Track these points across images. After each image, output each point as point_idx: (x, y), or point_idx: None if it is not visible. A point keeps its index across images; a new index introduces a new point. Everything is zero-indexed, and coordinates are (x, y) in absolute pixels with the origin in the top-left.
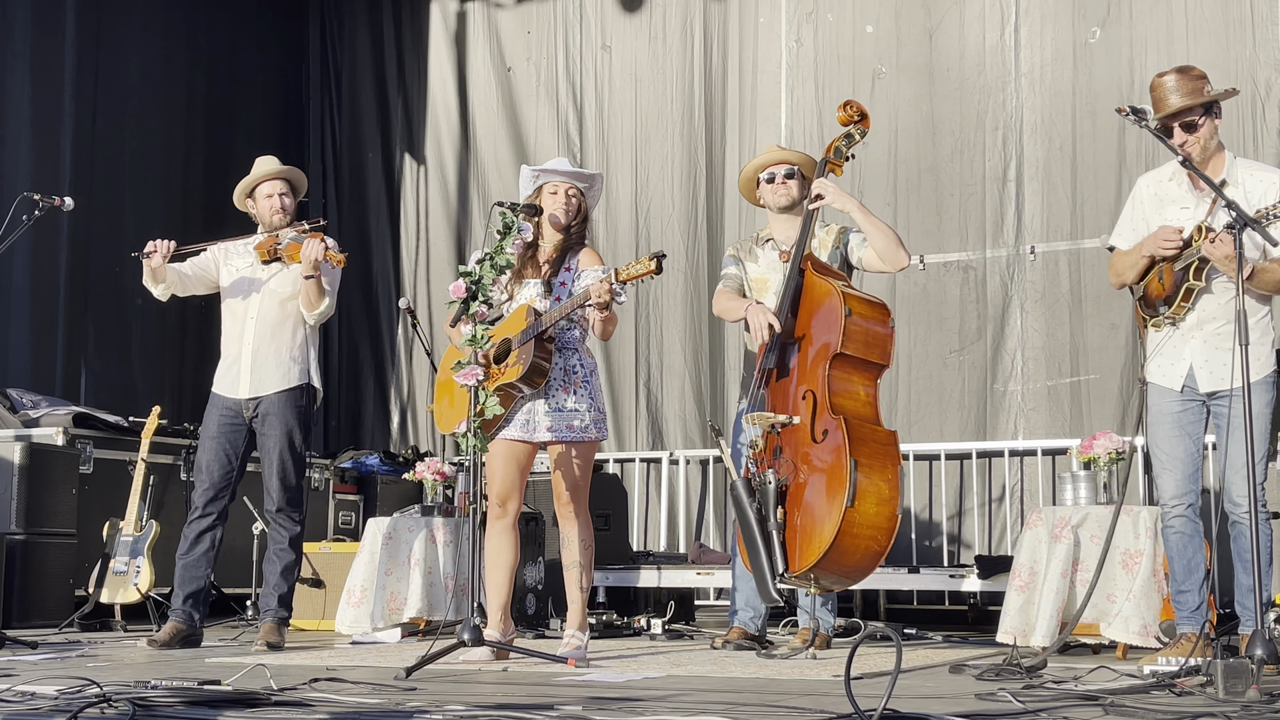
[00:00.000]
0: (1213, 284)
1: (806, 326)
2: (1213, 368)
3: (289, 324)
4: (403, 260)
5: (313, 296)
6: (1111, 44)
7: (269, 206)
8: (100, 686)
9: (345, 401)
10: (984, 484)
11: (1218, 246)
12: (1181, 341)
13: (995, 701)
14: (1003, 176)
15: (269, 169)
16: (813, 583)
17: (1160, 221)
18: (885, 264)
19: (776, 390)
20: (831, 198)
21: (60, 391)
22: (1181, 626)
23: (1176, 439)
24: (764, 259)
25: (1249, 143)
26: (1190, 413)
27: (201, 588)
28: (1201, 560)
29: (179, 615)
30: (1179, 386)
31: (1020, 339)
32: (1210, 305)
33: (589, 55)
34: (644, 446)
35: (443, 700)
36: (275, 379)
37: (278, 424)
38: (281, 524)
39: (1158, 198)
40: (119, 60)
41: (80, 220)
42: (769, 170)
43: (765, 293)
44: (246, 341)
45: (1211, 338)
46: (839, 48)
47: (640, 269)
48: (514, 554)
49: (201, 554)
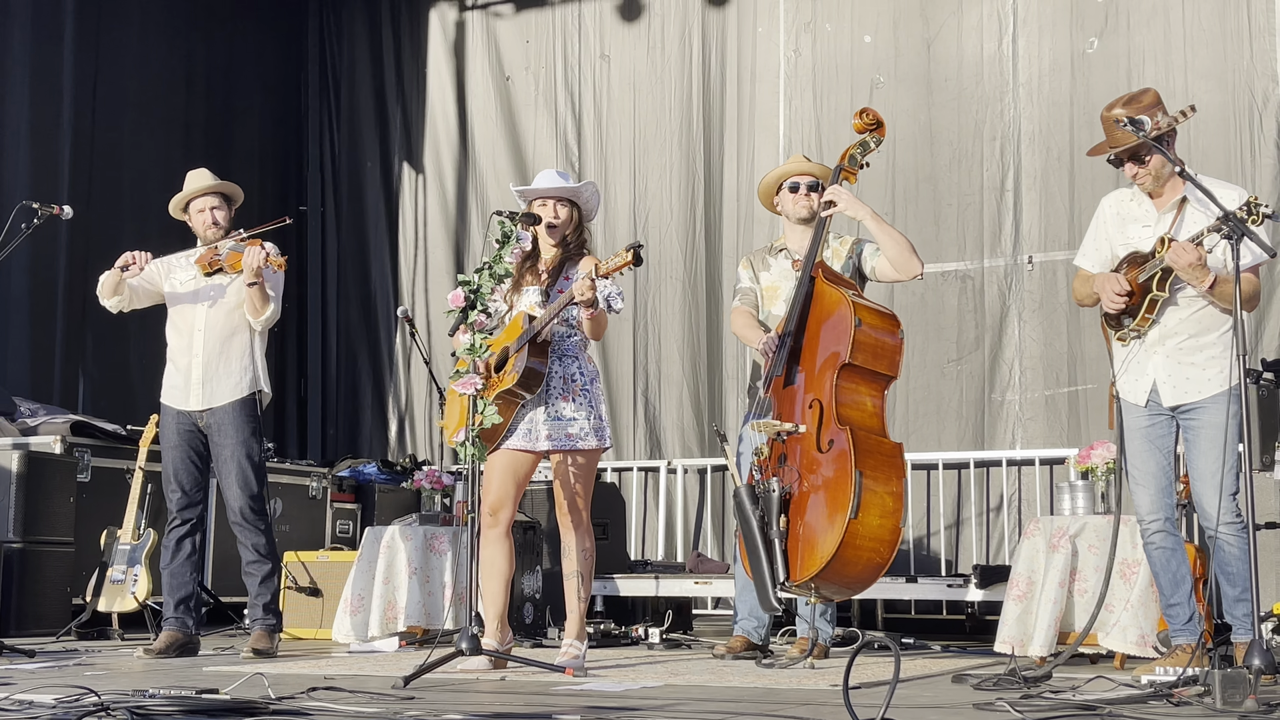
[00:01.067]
0: (1176, 295)
1: (815, 335)
2: (1175, 382)
3: (237, 334)
4: (401, 269)
5: (257, 303)
6: (1109, 54)
7: (202, 221)
8: (98, 695)
9: (343, 410)
10: (982, 494)
11: (1180, 255)
12: (1145, 357)
13: (993, 712)
14: (1000, 186)
15: (198, 185)
16: (813, 592)
17: (1123, 239)
18: (899, 272)
19: (783, 398)
20: (844, 205)
21: (58, 400)
22: (1176, 639)
23: (1147, 454)
24: (776, 268)
25: (1246, 152)
26: (1159, 426)
27: (191, 592)
28: (1187, 572)
29: (173, 623)
30: (1144, 401)
31: (1018, 349)
32: (1173, 319)
33: (588, 64)
34: (642, 455)
35: (440, 709)
36: (226, 390)
37: (232, 434)
38: (246, 534)
39: (1120, 217)
40: (118, 69)
41: (79, 229)
42: (794, 180)
43: (776, 300)
44: (195, 354)
45: (1174, 352)
46: (837, 57)
47: (618, 261)
48: (508, 563)
49: (185, 559)
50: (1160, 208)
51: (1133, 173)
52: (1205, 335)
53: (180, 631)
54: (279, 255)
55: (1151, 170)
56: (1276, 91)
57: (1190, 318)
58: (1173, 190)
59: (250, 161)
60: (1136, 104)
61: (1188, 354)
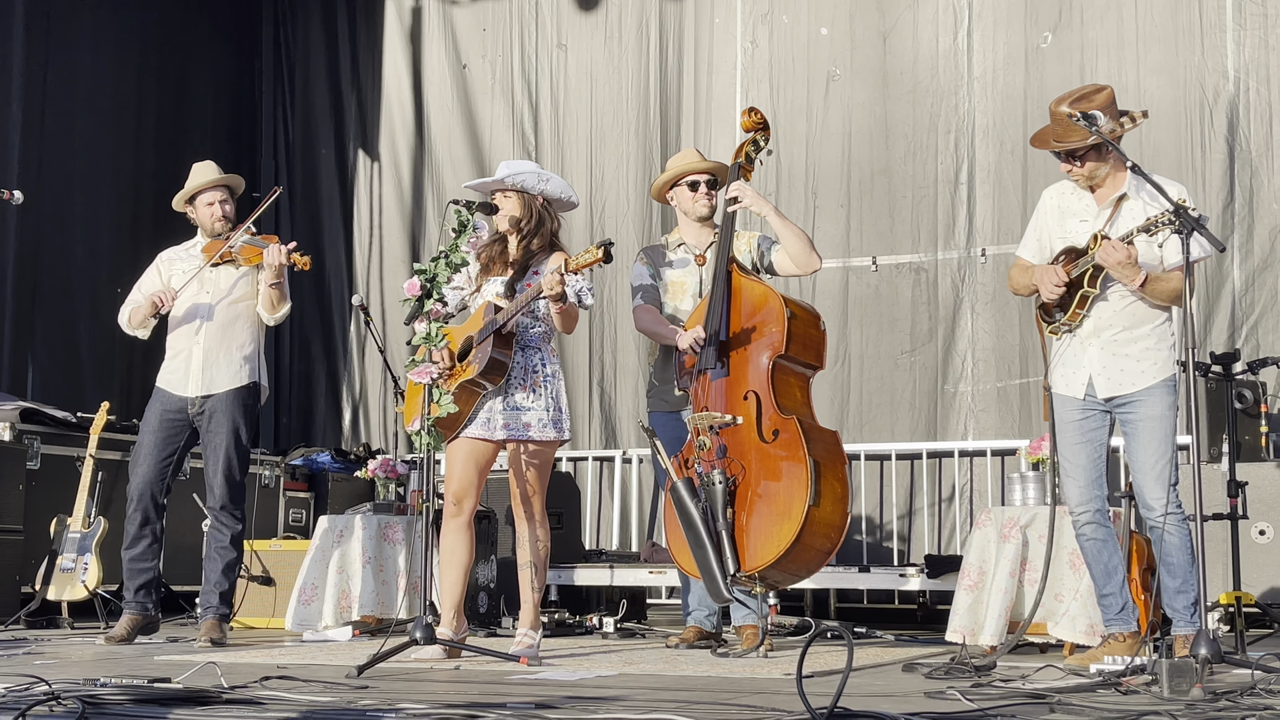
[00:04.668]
0: (1107, 291)
1: (740, 328)
2: (1110, 374)
3: (240, 324)
4: (356, 257)
5: (275, 300)
6: (1063, 49)
7: (210, 214)
8: (49, 684)
9: (297, 398)
10: (934, 484)
11: (1110, 253)
12: (1080, 349)
13: (944, 700)
14: (955, 179)
15: (208, 178)
16: (758, 581)
17: (1061, 233)
18: (799, 268)
19: (708, 391)
20: (749, 201)
21: (7, 386)
22: (1110, 628)
23: (1079, 446)
24: (679, 263)
25: (1197, 148)
26: (1092, 419)
27: (152, 578)
28: (1119, 563)
29: (134, 607)
30: (1081, 395)
31: (971, 340)
32: (1106, 312)
33: (544, 53)
34: (597, 445)
35: (394, 699)
36: (225, 378)
37: (225, 421)
38: (224, 521)
39: (1060, 210)
40: (69, 54)
41: (29, 215)
42: (694, 178)
43: (683, 295)
44: (198, 341)
45: (1109, 344)
46: (794, 50)
47: (588, 258)
48: (469, 553)
49: (146, 547)
50: (1099, 202)
51: (1067, 168)
52: (1139, 328)
53: (141, 614)
54: (300, 254)
55: (1086, 171)
56: (1227, 88)
57: (1124, 310)
58: (1113, 186)
59: (203, 147)
60: (1088, 101)
61: (1122, 346)
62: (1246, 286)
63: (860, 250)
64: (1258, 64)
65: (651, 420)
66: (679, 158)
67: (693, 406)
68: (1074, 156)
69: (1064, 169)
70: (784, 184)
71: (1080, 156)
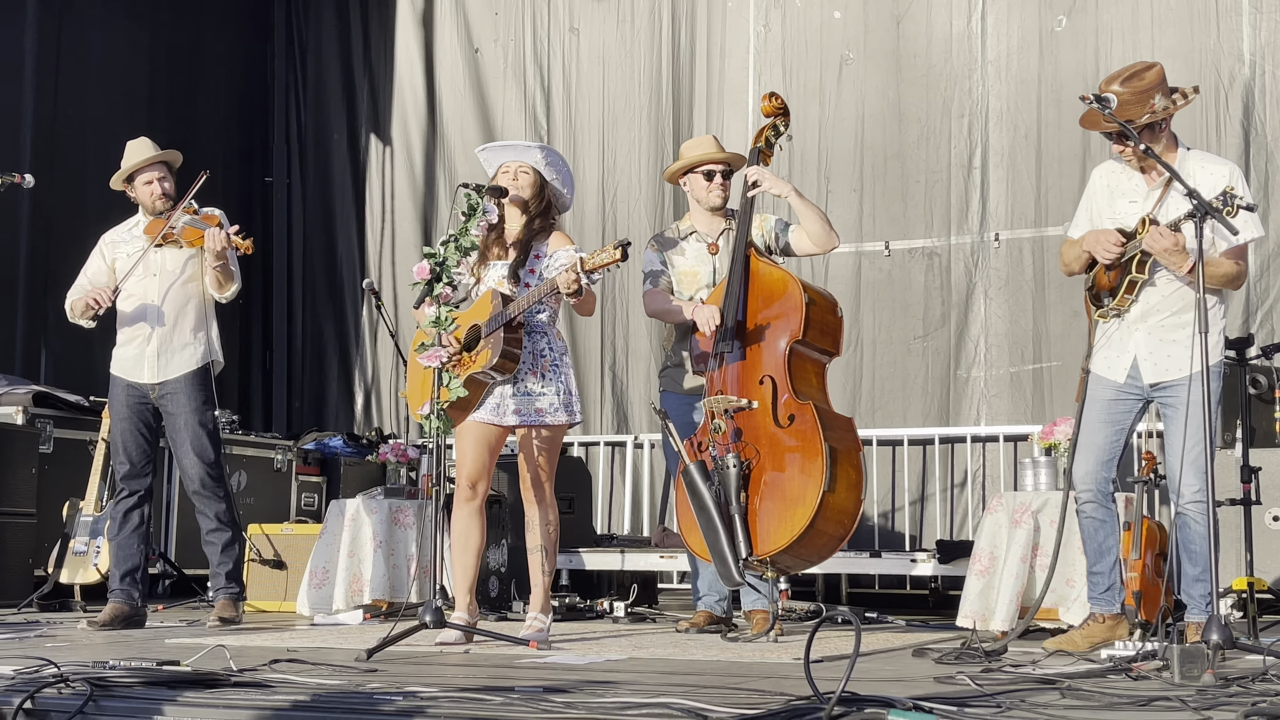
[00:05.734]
0: (1155, 277)
1: (757, 313)
2: (1157, 359)
3: (190, 305)
4: (368, 241)
5: (222, 279)
6: (1077, 32)
7: (149, 193)
8: (58, 666)
9: (309, 383)
10: (946, 469)
11: (1157, 240)
12: (1127, 334)
13: (954, 685)
14: (968, 164)
15: (144, 157)
16: (769, 566)
17: (1110, 214)
18: (818, 246)
19: (726, 375)
20: (769, 184)
21: (20, 370)
22: (1094, 606)
23: (1101, 425)
24: (691, 251)
25: (1212, 132)
26: (1123, 404)
27: (137, 565)
28: (1114, 544)
29: (119, 595)
30: (1122, 379)
31: (984, 325)
32: (1154, 297)
33: (557, 37)
34: (609, 430)
35: (404, 682)
36: (179, 363)
37: (186, 404)
38: (206, 502)
39: (1110, 189)
40: (82, 37)
41: (41, 198)
42: (709, 168)
43: (695, 285)
44: (150, 327)
45: (1156, 329)
46: (806, 33)
47: (605, 258)
48: (481, 537)
49: (131, 531)
50: (1149, 184)
51: (1119, 149)
52: (1188, 312)
53: (126, 604)
54: (240, 235)
55: (1135, 151)
56: (1243, 71)
57: (1172, 295)
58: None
59: (215, 132)
60: (1137, 80)
61: (1170, 331)
62: (1261, 271)
63: (873, 235)
64: (1274, 47)
65: (663, 401)
66: (695, 144)
67: (707, 390)
68: (1125, 137)
69: (1115, 149)
70: (796, 168)
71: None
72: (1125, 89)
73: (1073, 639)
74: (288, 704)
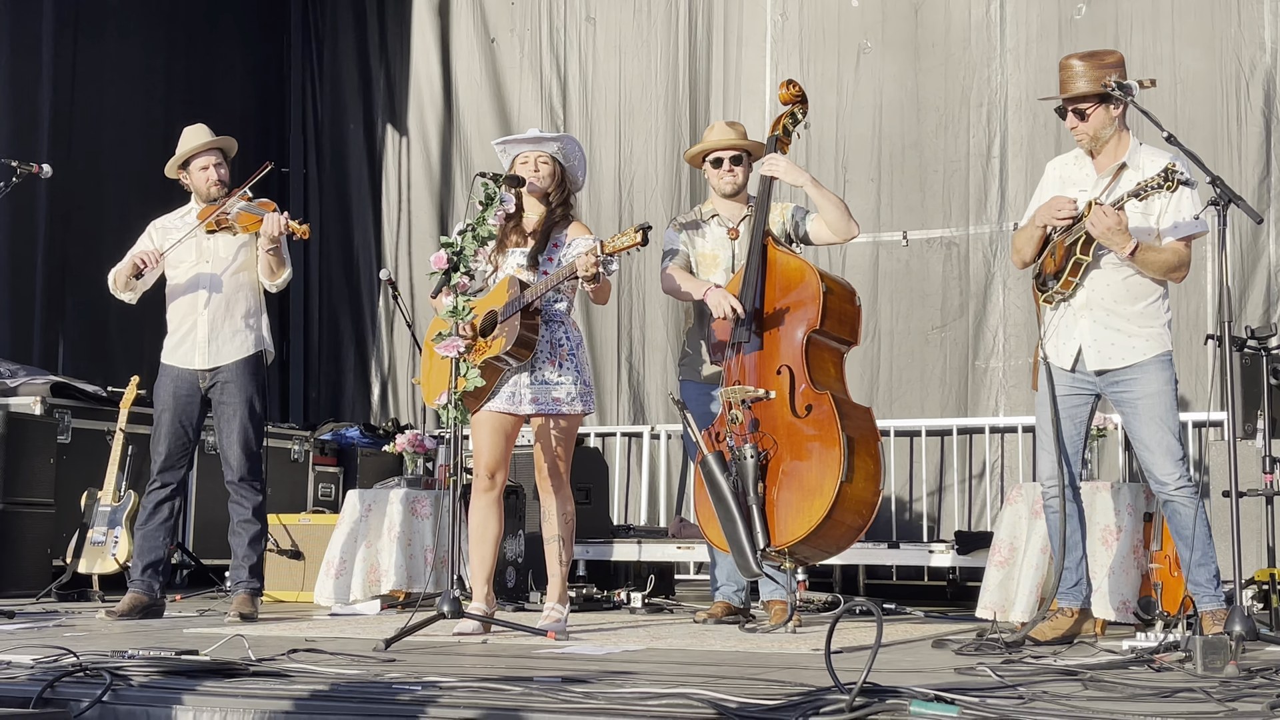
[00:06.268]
0: (1101, 260)
1: (774, 302)
2: (1100, 346)
3: (242, 292)
4: (384, 232)
5: (274, 266)
6: (1097, 20)
7: (204, 179)
8: (77, 656)
9: (325, 374)
10: (964, 460)
11: (1100, 219)
12: (1073, 320)
13: (974, 676)
14: (986, 153)
15: (200, 141)
16: (787, 557)
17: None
18: (836, 235)
19: (743, 365)
20: (785, 173)
21: (38, 361)
22: (1061, 600)
23: (1060, 420)
24: (711, 235)
25: (1233, 121)
26: (1076, 396)
27: (161, 557)
28: (1080, 539)
29: (139, 586)
30: (1070, 366)
31: (1002, 316)
32: (1100, 284)
33: (573, 27)
34: (625, 421)
35: (422, 672)
36: (232, 349)
37: (237, 393)
38: (244, 494)
39: (1061, 179)
40: (98, 27)
41: (58, 190)
42: (718, 155)
43: (715, 269)
44: (201, 312)
45: (1101, 317)
46: (824, 22)
47: (625, 241)
48: (499, 527)
49: (159, 524)
50: (1099, 171)
51: (1072, 125)
52: (1134, 303)
53: (146, 594)
54: (298, 222)
55: (1090, 129)
56: (1264, 59)
57: (1119, 283)
58: (1112, 155)
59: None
60: (1098, 60)
61: (1114, 319)
62: None
63: (891, 225)
64: None
65: (682, 391)
66: (710, 130)
67: (724, 380)
68: (1079, 112)
69: (1069, 126)
70: (814, 158)
71: (1084, 112)
72: (1087, 65)
73: (1040, 629)
74: (307, 694)
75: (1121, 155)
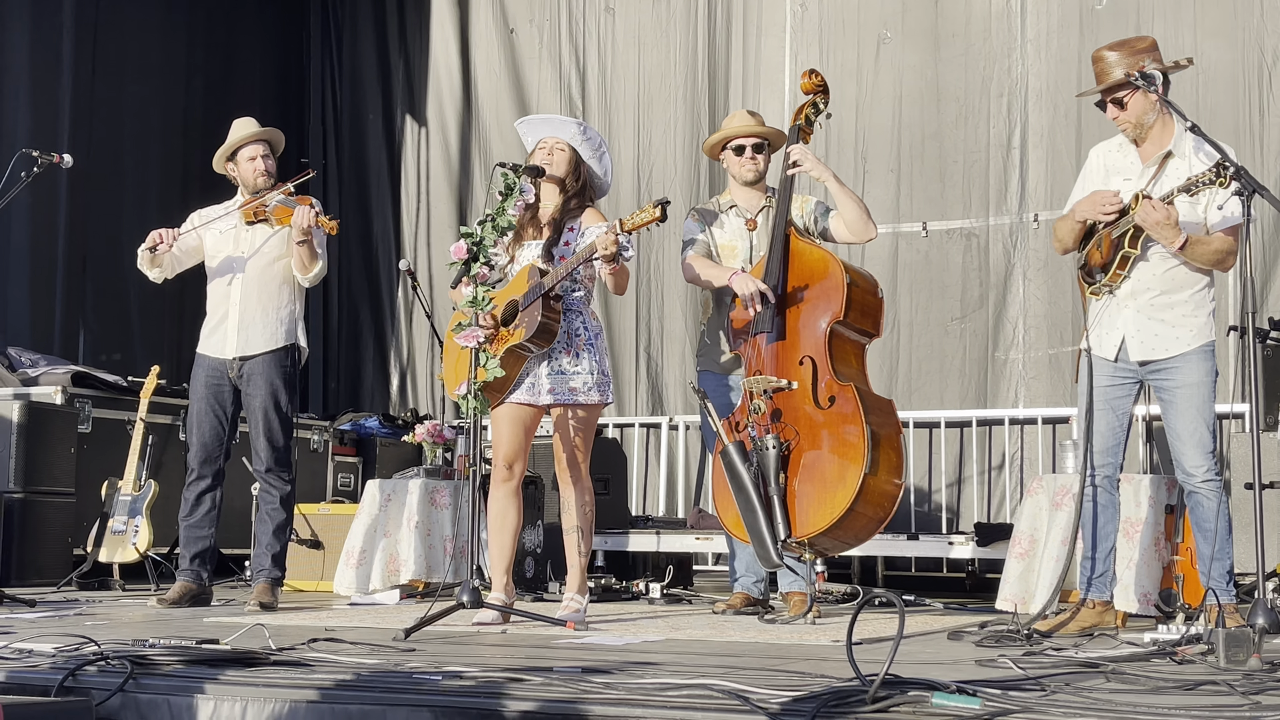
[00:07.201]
0: (1148, 252)
1: (797, 293)
2: (1143, 337)
3: (275, 284)
4: (403, 222)
5: (306, 260)
6: (1118, 10)
7: (252, 170)
8: (98, 644)
9: (345, 364)
10: (984, 452)
11: (1149, 213)
12: (1116, 311)
13: (996, 668)
14: (1007, 143)
15: (249, 132)
16: (807, 548)
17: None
18: (854, 236)
19: (765, 355)
20: (809, 166)
21: (59, 350)
22: (1090, 594)
23: (1099, 412)
24: (730, 225)
25: (1255, 111)
26: (1120, 388)
27: (207, 547)
28: (1113, 531)
29: (188, 575)
30: (1113, 357)
31: (1022, 307)
32: (1145, 274)
33: (592, 17)
34: (644, 411)
35: (442, 662)
36: (262, 339)
37: (263, 384)
38: (271, 484)
39: (1105, 168)
40: (118, 18)
41: (79, 179)
42: (739, 142)
43: (734, 260)
44: (234, 302)
45: (1145, 308)
46: (844, 12)
47: (645, 217)
48: (518, 517)
49: (203, 515)
50: (1144, 160)
51: (1114, 115)
52: (1178, 293)
53: (194, 583)
54: (330, 218)
55: (1132, 117)
56: None
57: (1164, 274)
58: (1158, 143)
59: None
60: (1130, 48)
61: (1159, 310)
62: None
63: (910, 215)
64: None
65: (701, 380)
66: (732, 118)
67: (745, 370)
68: (1119, 101)
69: (1111, 117)
70: (833, 148)
71: (1124, 101)
72: (1119, 53)
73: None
74: (328, 683)
75: (1167, 143)
